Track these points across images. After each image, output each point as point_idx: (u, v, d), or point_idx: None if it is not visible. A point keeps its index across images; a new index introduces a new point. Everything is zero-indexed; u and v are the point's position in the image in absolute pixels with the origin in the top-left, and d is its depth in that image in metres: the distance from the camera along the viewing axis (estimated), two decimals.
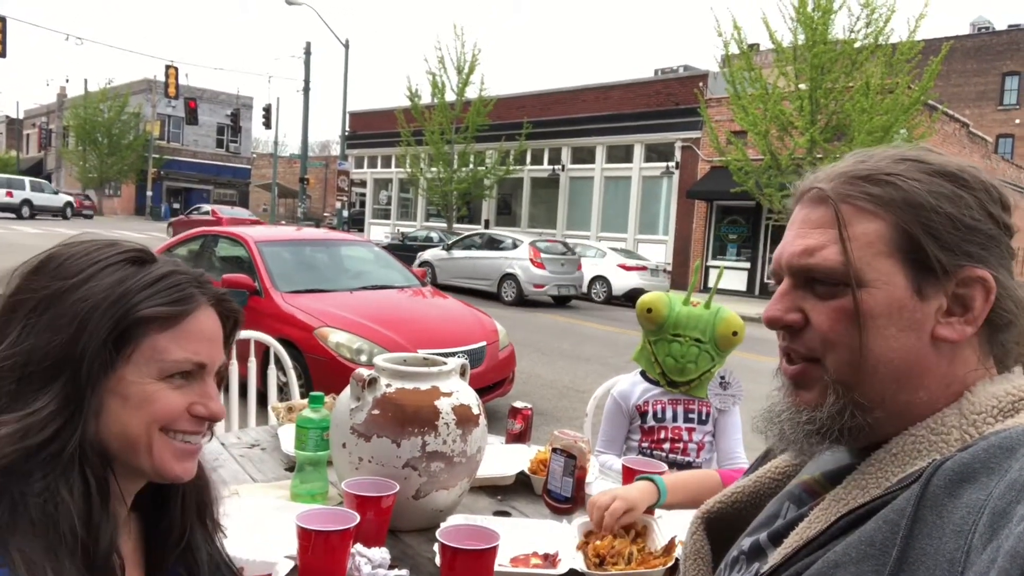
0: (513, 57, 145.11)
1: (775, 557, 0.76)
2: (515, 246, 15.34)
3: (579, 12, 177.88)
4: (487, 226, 23.69)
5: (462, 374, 1.69)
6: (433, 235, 19.94)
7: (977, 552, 0.58)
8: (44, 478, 0.75)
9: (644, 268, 16.67)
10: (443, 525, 1.38)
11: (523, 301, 14.79)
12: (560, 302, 15.60)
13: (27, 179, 33.86)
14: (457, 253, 16.34)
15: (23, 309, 0.80)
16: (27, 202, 31.85)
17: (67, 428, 0.77)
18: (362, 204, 31.96)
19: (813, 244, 0.79)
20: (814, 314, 0.79)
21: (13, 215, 31.00)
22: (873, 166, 0.79)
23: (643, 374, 2.48)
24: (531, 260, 14.72)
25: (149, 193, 40.40)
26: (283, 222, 35.63)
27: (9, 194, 31.27)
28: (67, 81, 60.57)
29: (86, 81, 43.43)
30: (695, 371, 2.35)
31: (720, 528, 0.99)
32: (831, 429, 0.78)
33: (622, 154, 22.24)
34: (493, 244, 16.03)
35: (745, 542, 0.88)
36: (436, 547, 1.35)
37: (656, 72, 35.36)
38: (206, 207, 28.79)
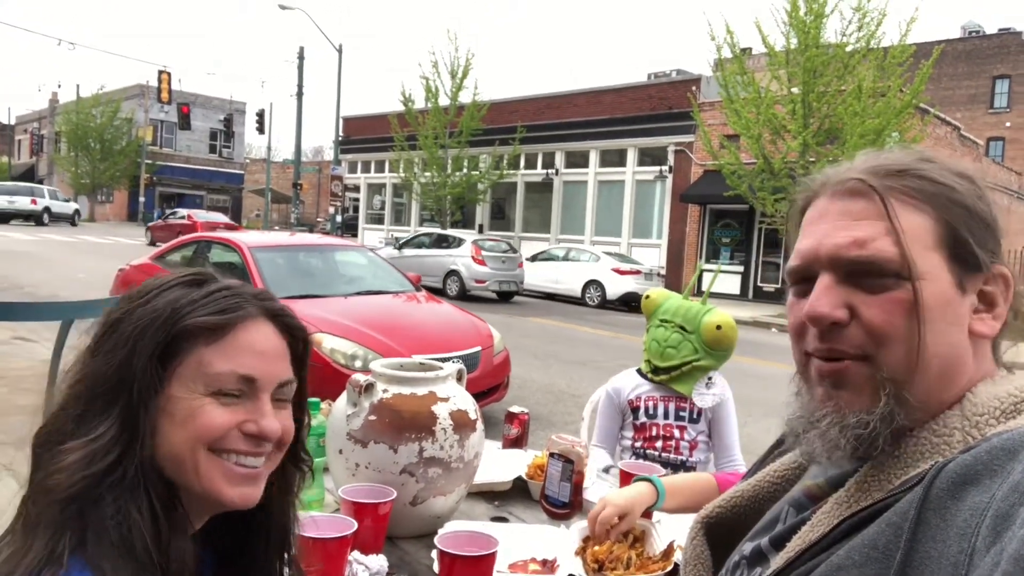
0: (507, 57, 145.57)
1: (778, 561, 0.76)
2: (459, 244, 16.15)
3: (572, 14, 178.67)
4: (481, 231, 23.71)
5: (459, 379, 1.68)
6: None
7: (980, 555, 0.58)
8: (115, 501, 0.74)
9: (638, 272, 16.78)
10: (441, 531, 1.37)
11: (466, 296, 15.35)
12: (503, 297, 16.30)
13: (45, 187, 34.80)
14: (407, 252, 16.99)
15: (99, 335, 0.80)
16: (47, 209, 32.64)
17: (129, 452, 0.76)
18: (356, 209, 31.88)
19: (863, 235, 0.76)
20: (864, 308, 0.75)
21: (34, 222, 31.56)
22: (905, 163, 0.79)
23: (638, 371, 2.53)
24: (473, 258, 15.52)
25: (142, 199, 40.29)
26: (276, 227, 35.62)
27: (34, 201, 32.07)
28: (59, 86, 60.37)
29: (78, 86, 43.17)
30: (675, 357, 2.38)
31: (720, 533, 0.99)
32: (881, 434, 0.74)
33: (615, 158, 22.26)
34: (440, 243, 16.89)
35: (746, 547, 0.88)
36: (434, 554, 1.35)
37: (649, 76, 35.41)
38: (183, 211, 29.86)
